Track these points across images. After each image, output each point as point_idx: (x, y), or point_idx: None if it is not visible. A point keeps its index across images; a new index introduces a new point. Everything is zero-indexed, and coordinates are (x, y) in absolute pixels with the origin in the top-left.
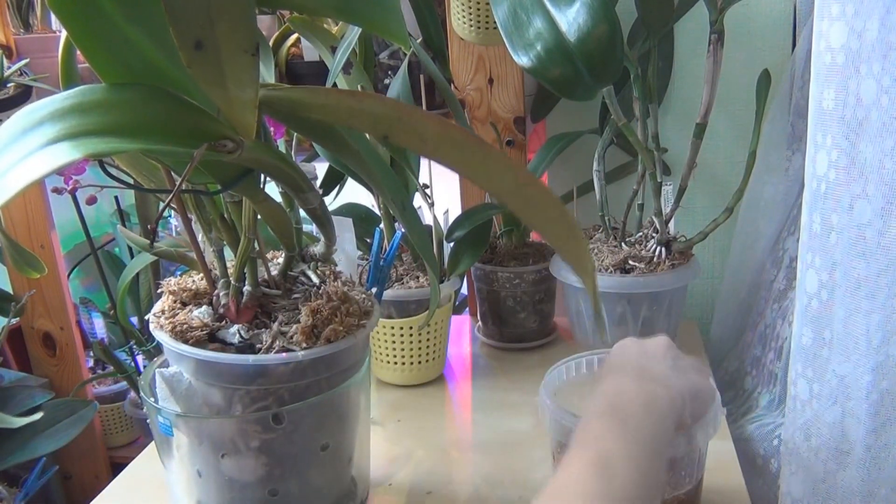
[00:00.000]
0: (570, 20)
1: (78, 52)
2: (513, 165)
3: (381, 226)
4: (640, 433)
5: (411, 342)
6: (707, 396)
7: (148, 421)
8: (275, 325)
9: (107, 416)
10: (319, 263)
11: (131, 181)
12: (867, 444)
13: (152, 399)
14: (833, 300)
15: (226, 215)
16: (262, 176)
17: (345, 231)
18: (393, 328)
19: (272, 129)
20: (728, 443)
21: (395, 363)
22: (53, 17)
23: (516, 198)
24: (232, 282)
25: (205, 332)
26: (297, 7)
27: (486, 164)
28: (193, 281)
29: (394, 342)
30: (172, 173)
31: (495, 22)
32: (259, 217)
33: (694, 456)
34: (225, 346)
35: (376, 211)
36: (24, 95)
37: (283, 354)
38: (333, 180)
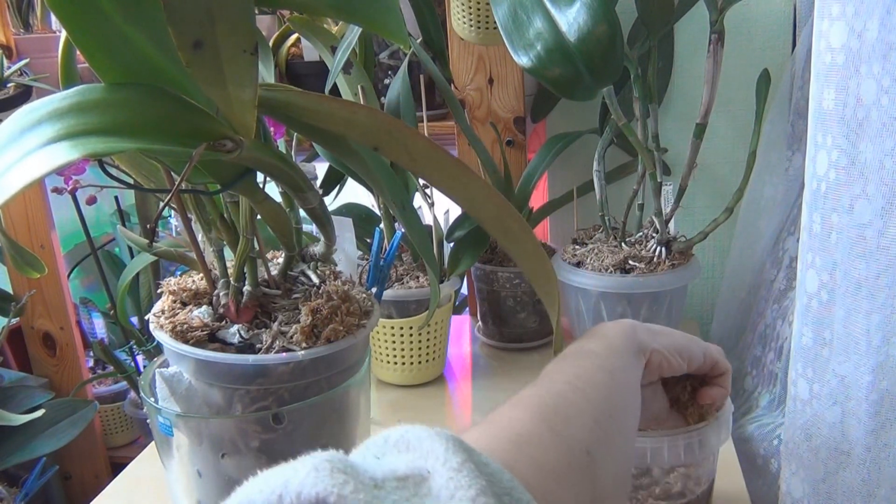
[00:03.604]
0: (570, 20)
1: (78, 52)
2: (494, 196)
3: (381, 226)
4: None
5: (411, 342)
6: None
7: (148, 421)
8: (275, 325)
9: (107, 416)
10: (319, 263)
11: (131, 181)
12: (867, 445)
13: (152, 399)
14: (833, 300)
15: (226, 215)
16: (262, 176)
17: (345, 231)
18: (393, 328)
19: (272, 129)
20: (728, 443)
21: (395, 363)
22: (53, 17)
23: (495, 227)
24: (232, 282)
25: (205, 332)
26: (297, 7)
27: (468, 190)
28: (193, 281)
29: (394, 342)
30: (172, 173)
31: (495, 22)
32: (259, 217)
33: (707, 461)
34: (225, 346)
35: (376, 211)
36: (23, 95)
37: (283, 354)
38: (333, 180)
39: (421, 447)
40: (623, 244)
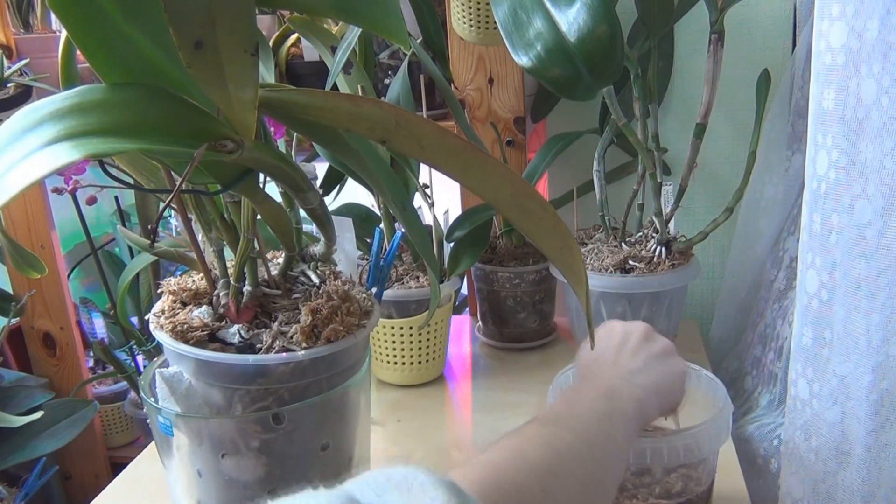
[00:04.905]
0: (570, 20)
1: (78, 52)
2: (509, 174)
3: (381, 226)
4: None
5: (411, 342)
6: (677, 386)
7: (148, 421)
8: (275, 325)
9: (107, 416)
10: (319, 263)
11: (131, 181)
12: (867, 444)
13: (152, 399)
14: (833, 300)
15: (226, 215)
16: (262, 176)
17: (345, 231)
18: (393, 328)
19: (272, 129)
20: (728, 443)
21: (395, 363)
22: (53, 17)
23: (512, 207)
24: (232, 282)
25: (205, 332)
26: (297, 7)
27: (482, 172)
28: (193, 281)
29: (394, 342)
30: (172, 173)
31: (495, 22)
32: (259, 217)
33: (707, 461)
34: (225, 346)
35: (376, 211)
36: (24, 95)
37: (283, 354)
38: (333, 180)
39: (423, 494)
40: (623, 244)
